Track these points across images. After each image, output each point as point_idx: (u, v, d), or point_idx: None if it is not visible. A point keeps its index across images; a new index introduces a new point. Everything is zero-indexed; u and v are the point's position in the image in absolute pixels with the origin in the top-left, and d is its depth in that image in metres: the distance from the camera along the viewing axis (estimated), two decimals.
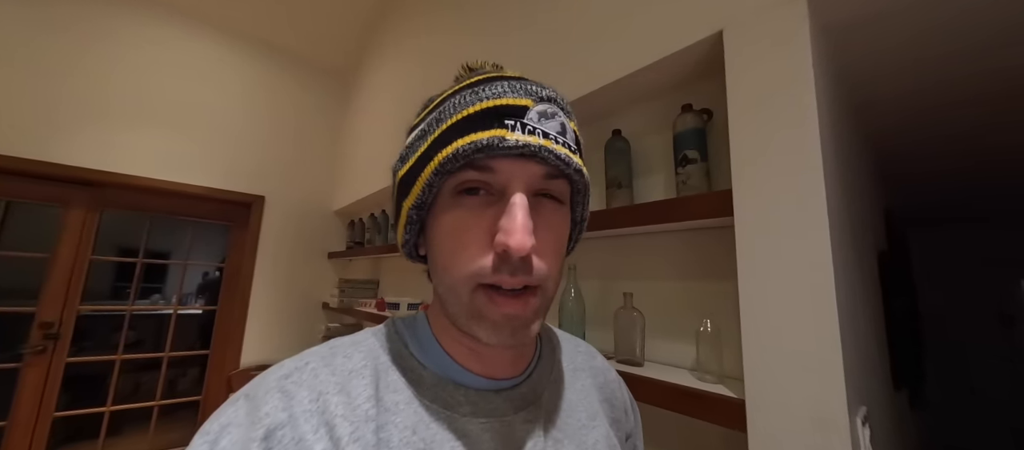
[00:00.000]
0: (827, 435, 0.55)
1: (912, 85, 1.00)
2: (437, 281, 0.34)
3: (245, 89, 2.50)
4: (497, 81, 0.32)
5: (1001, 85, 0.98)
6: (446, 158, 0.29)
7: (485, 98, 0.31)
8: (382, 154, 2.10)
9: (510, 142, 0.28)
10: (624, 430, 0.46)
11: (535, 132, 0.29)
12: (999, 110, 1.13)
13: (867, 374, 0.77)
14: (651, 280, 0.93)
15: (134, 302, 2.11)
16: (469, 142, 0.29)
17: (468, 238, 0.30)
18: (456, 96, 0.32)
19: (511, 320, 0.30)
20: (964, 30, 0.77)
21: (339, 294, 2.25)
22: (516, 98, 0.31)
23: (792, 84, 0.63)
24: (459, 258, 0.30)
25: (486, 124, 0.29)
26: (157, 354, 2.14)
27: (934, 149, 1.47)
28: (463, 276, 0.30)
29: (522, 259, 0.29)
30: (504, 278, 0.29)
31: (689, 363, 0.84)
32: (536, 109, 0.31)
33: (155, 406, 2.10)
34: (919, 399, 1.94)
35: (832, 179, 0.63)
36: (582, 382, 0.44)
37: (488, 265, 0.29)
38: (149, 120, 2.16)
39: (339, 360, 0.33)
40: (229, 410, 0.28)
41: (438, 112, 0.33)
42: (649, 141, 0.98)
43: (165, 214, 2.24)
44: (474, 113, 0.30)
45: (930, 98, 1.07)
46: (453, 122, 0.30)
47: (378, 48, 2.45)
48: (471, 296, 0.30)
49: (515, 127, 0.29)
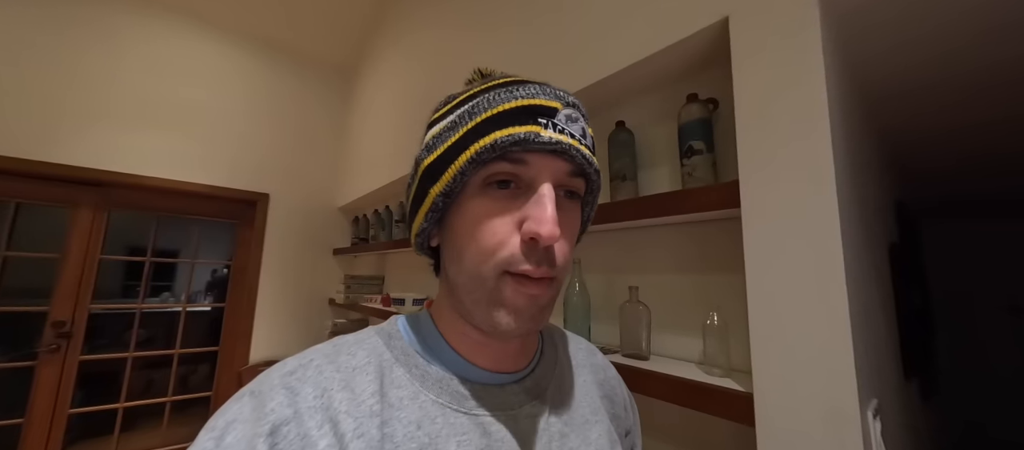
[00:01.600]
0: (837, 429, 0.54)
1: (925, 77, 0.97)
2: (456, 271, 0.34)
3: (248, 87, 2.50)
4: (529, 83, 0.34)
5: (1016, 73, 0.95)
6: (484, 147, 0.31)
7: (520, 96, 0.32)
8: (385, 150, 2.10)
9: (544, 138, 0.30)
10: (623, 426, 0.46)
11: (564, 132, 0.32)
12: (1014, 100, 1.09)
13: (878, 366, 0.76)
14: (657, 273, 0.92)
15: (144, 300, 2.14)
16: (507, 134, 0.30)
17: (497, 226, 0.31)
18: (490, 93, 0.34)
19: (533, 303, 0.31)
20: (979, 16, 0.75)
21: (345, 290, 2.27)
22: (548, 100, 0.33)
23: (801, 73, 0.61)
24: (486, 245, 0.31)
25: (522, 120, 0.31)
26: (168, 351, 2.17)
27: (946, 142, 1.44)
28: (491, 263, 0.31)
29: (546, 249, 0.31)
30: (531, 268, 0.30)
31: (696, 357, 0.83)
32: (564, 112, 0.33)
33: (167, 402, 2.14)
34: (930, 389, 1.92)
35: (842, 170, 0.62)
36: (583, 378, 0.44)
37: (517, 252, 0.31)
38: (153, 120, 2.18)
39: (343, 357, 0.33)
40: (234, 406, 0.29)
41: (471, 106, 0.34)
42: (654, 132, 0.96)
43: (172, 213, 2.26)
44: (511, 109, 0.32)
45: (943, 91, 1.04)
46: (490, 115, 0.32)
47: (380, 44, 2.44)
48: (496, 282, 0.31)
49: (548, 125, 0.31)
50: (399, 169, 1.87)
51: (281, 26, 2.52)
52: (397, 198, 2.11)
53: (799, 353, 0.58)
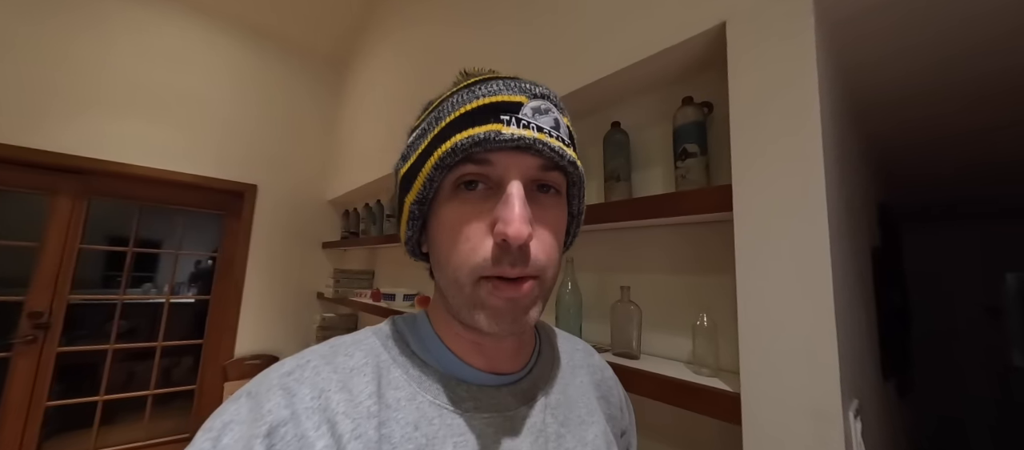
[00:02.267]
0: (820, 428, 0.56)
1: (913, 86, 1.00)
2: (439, 276, 0.35)
3: (236, 76, 2.44)
4: (492, 81, 0.33)
5: (1004, 86, 0.98)
6: (445, 152, 0.30)
7: (481, 96, 0.32)
8: (376, 144, 2.08)
9: (505, 135, 0.30)
10: (619, 427, 0.47)
11: (529, 126, 0.31)
12: (999, 111, 1.13)
13: (859, 367, 0.79)
14: (649, 273, 0.93)
15: (125, 291, 2.09)
16: (466, 136, 0.30)
17: (469, 230, 0.31)
18: (454, 96, 0.34)
19: (512, 305, 0.31)
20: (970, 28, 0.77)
21: (334, 284, 2.24)
22: (511, 95, 0.32)
23: (795, 79, 0.62)
24: (460, 250, 0.31)
25: (482, 119, 0.30)
26: (151, 343, 2.13)
27: (930, 149, 1.48)
28: (466, 268, 0.31)
29: (520, 248, 0.30)
30: (505, 269, 0.30)
31: (685, 356, 0.84)
32: (530, 105, 0.32)
33: (149, 395, 2.09)
34: (906, 388, 1.98)
35: (832, 176, 0.63)
36: (580, 379, 0.44)
37: (489, 256, 0.30)
38: (138, 107, 2.11)
39: (340, 358, 0.33)
40: (231, 407, 0.29)
41: (437, 112, 0.34)
42: (648, 134, 0.97)
43: (156, 203, 2.20)
44: (471, 110, 0.31)
45: (931, 100, 1.07)
46: (451, 119, 0.32)
47: (372, 36, 2.41)
48: (474, 288, 0.31)
49: (510, 121, 0.30)
50: (391, 163, 1.85)
51: (271, 15, 2.46)
52: (388, 192, 2.09)
53: (785, 354, 0.59)
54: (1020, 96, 1.03)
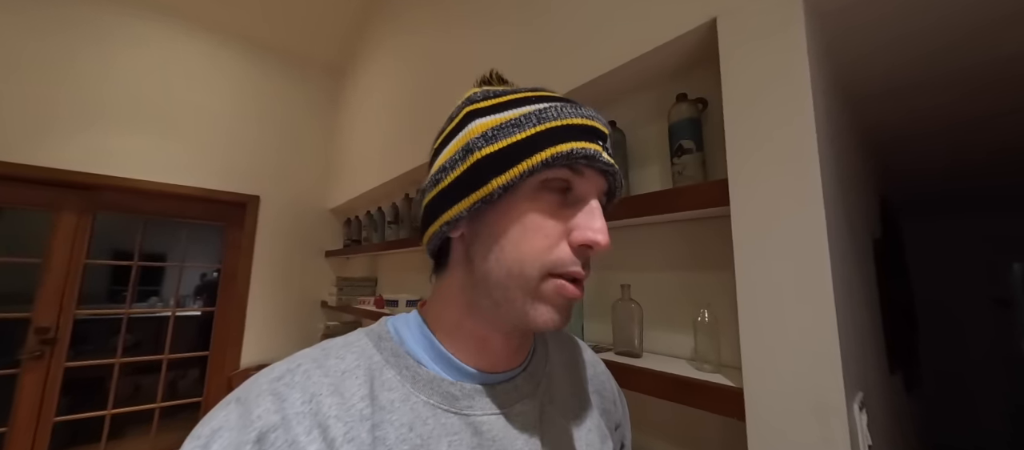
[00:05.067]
0: (825, 421, 0.55)
1: (909, 77, 1.00)
2: (489, 267, 0.33)
3: (236, 88, 2.47)
4: (584, 106, 0.37)
5: (997, 74, 0.98)
6: (560, 153, 0.32)
7: (585, 116, 0.35)
8: (377, 151, 2.09)
9: (603, 159, 0.34)
10: (613, 420, 0.47)
11: (610, 155, 0.35)
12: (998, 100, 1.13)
13: (863, 359, 0.78)
14: (648, 271, 0.93)
15: (131, 305, 2.10)
16: (581, 147, 0.33)
17: (548, 229, 0.33)
18: (556, 104, 0.35)
19: (569, 304, 0.34)
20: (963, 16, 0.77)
21: (337, 292, 2.25)
22: (601, 124, 0.36)
23: (787, 72, 0.62)
24: (535, 245, 0.33)
25: (589, 137, 0.34)
26: (157, 356, 2.14)
27: (929, 140, 1.48)
28: (537, 263, 0.32)
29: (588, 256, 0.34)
30: (579, 270, 0.33)
31: (687, 353, 0.84)
32: (609, 138, 0.36)
33: (156, 408, 2.10)
34: (914, 382, 1.96)
35: (828, 167, 0.63)
36: (574, 374, 0.45)
37: (566, 256, 0.33)
38: (140, 122, 2.14)
39: (332, 361, 0.33)
40: (220, 414, 0.28)
41: (538, 109, 0.34)
42: (644, 132, 0.97)
43: (159, 216, 2.22)
44: (579, 125, 0.34)
45: (927, 91, 1.07)
46: (563, 125, 0.33)
47: (371, 43, 2.43)
48: (540, 281, 0.32)
49: (605, 147, 0.35)
50: (391, 170, 1.86)
51: (269, 26, 2.49)
52: (389, 199, 2.10)
53: (787, 348, 0.59)
54: (1019, 84, 1.03)
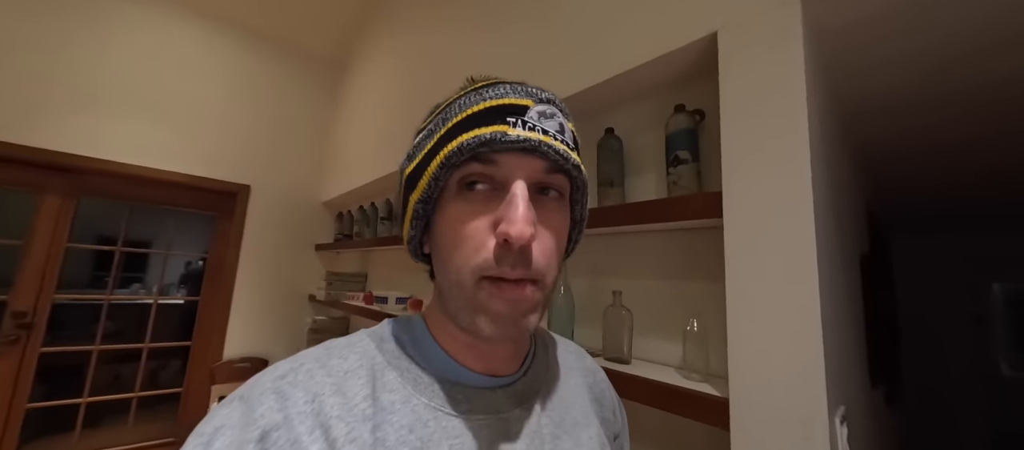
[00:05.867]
0: (807, 434, 0.56)
1: (902, 97, 1.02)
2: (441, 277, 0.35)
3: (231, 76, 2.44)
4: (500, 84, 0.34)
5: (988, 97, 1.00)
6: (451, 151, 0.31)
7: (488, 98, 0.32)
8: (372, 147, 2.07)
9: (512, 137, 0.30)
10: (612, 430, 0.46)
11: (535, 129, 0.31)
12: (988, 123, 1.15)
13: (846, 373, 0.79)
14: (640, 278, 0.93)
15: (113, 291, 2.06)
16: (473, 136, 0.30)
17: (471, 229, 0.31)
18: (461, 98, 0.34)
19: (512, 308, 0.30)
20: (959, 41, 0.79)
21: (326, 287, 2.23)
22: (518, 98, 0.32)
23: (784, 89, 0.63)
24: (463, 250, 0.31)
25: (489, 120, 0.31)
26: (137, 345, 2.10)
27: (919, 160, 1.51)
28: (468, 268, 0.31)
29: (521, 250, 0.30)
30: (506, 270, 0.30)
31: (676, 361, 0.85)
32: (536, 109, 0.32)
33: (134, 398, 2.06)
34: (895, 396, 2.00)
35: (820, 184, 0.64)
36: (574, 381, 0.44)
37: (491, 256, 0.30)
38: (133, 106, 2.10)
39: (334, 361, 0.33)
40: (223, 411, 0.28)
41: (444, 113, 0.34)
42: (641, 140, 0.98)
43: (147, 202, 2.18)
44: (479, 111, 0.32)
45: (919, 111, 1.09)
46: (458, 120, 0.32)
47: (370, 40, 2.41)
48: (475, 288, 0.31)
49: (516, 124, 0.31)
50: (386, 166, 1.85)
51: (268, 17, 2.46)
52: (383, 195, 2.09)
53: (773, 360, 0.60)
54: (1008, 107, 1.05)
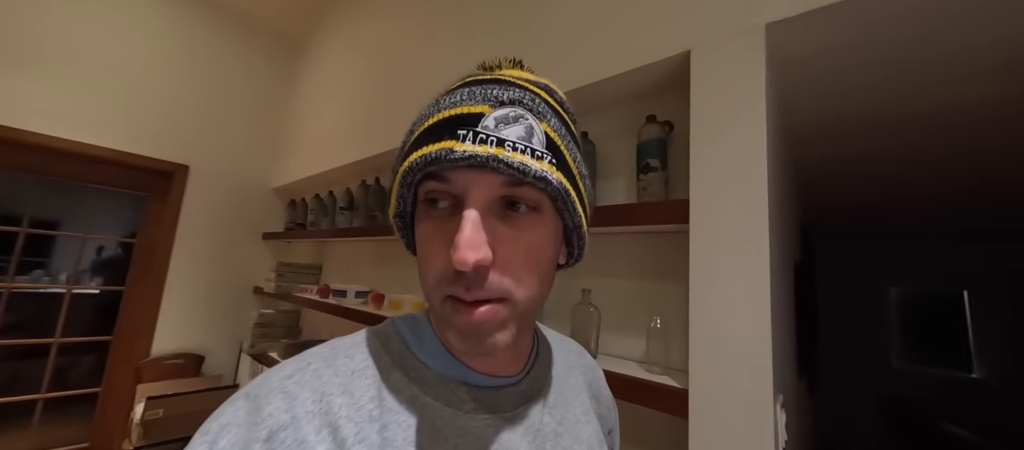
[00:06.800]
0: (755, 418, 0.63)
1: (840, 126, 1.16)
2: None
3: (173, 42, 2.19)
4: (460, 89, 0.32)
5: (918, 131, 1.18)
6: (406, 170, 0.30)
7: (442, 108, 0.30)
8: (332, 135, 1.97)
9: (458, 153, 0.27)
10: (607, 425, 0.49)
11: (487, 140, 0.28)
12: (909, 152, 1.35)
13: (784, 366, 0.89)
14: (608, 278, 0.98)
15: (14, 278, 1.79)
16: (420, 156, 0.29)
17: (434, 247, 0.30)
18: (426, 108, 0.33)
19: (474, 328, 0.29)
20: (895, 81, 0.91)
21: (276, 278, 2.08)
22: (471, 106, 0.29)
23: (748, 108, 0.70)
24: (429, 269, 0.31)
25: (439, 135, 0.29)
26: (45, 340, 1.84)
27: (840, 180, 1.72)
28: (431, 286, 0.31)
29: (476, 273, 0.28)
30: (459, 292, 0.29)
31: (638, 356, 0.90)
32: (493, 115, 0.29)
33: (39, 399, 1.80)
34: (814, 385, 2.27)
35: (773, 197, 0.72)
36: (575, 379, 0.46)
37: (450, 276, 0.29)
38: (46, 66, 1.82)
39: (341, 360, 0.32)
40: (229, 410, 0.28)
41: (415, 122, 0.33)
42: (614, 146, 1.02)
43: (63, 178, 1.91)
44: (432, 125, 0.30)
45: (853, 140, 1.25)
46: (417, 134, 0.31)
47: (330, 24, 2.28)
48: (441, 305, 0.30)
49: (466, 137, 0.28)
50: (347, 155, 1.77)
51: None
52: (343, 184, 1.99)
53: (729, 354, 0.66)
54: (920, 140, 1.24)
